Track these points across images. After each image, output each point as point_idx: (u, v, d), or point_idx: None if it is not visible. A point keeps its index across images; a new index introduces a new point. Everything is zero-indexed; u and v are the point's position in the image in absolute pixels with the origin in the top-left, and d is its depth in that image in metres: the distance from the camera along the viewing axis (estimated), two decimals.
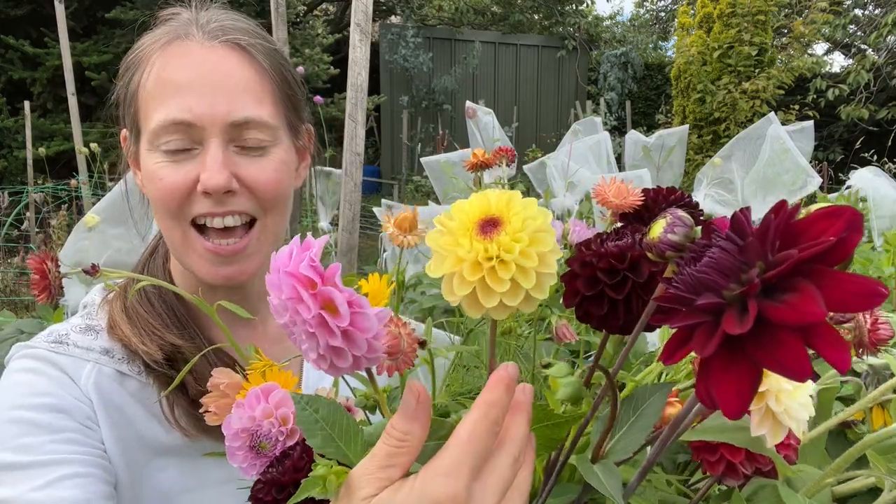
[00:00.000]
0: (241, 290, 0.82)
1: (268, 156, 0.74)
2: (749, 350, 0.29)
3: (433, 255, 0.39)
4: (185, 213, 0.72)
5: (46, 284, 0.56)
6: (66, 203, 5.34)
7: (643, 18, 15.17)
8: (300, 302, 0.38)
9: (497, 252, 0.37)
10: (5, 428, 0.66)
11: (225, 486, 0.75)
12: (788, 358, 0.28)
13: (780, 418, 0.39)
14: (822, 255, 0.28)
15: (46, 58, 7.37)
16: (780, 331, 0.28)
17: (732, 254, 0.30)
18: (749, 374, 0.29)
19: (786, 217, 0.29)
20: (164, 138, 0.70)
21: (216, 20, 0.74)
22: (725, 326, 0.28)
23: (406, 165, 8.71)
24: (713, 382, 0.30)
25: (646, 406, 0.45)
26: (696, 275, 0.30)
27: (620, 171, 3.97)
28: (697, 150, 7.99)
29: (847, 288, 0.27)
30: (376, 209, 3.50)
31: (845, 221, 0.28)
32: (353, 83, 1.98)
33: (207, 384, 0.56)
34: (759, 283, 0.28)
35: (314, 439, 0.42)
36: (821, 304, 0.26)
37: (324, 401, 0.44)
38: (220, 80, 0.71)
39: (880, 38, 8.58)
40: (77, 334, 0.75)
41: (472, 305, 0.38)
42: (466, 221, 0.39)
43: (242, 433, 0.49)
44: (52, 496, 0.62)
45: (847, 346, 0.28)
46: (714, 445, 0.48)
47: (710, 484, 0.51)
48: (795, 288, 0.28)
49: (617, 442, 0.45)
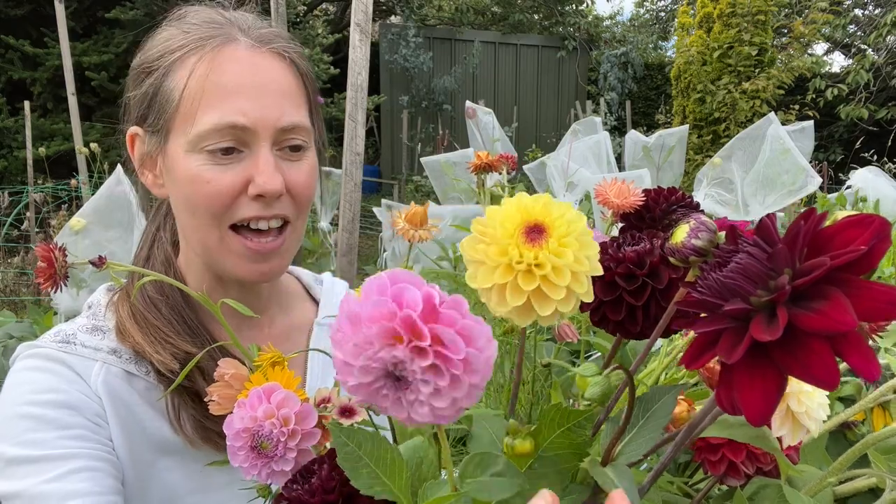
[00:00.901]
0: (251, 287, 0.82)
1: (304, 159, 0.76)
2: (776, 357, 0.29)
3: (471, 265, 0.38)
4: (228, 216, 0.72)
5: (52, 273, 0.56)
6: (66, 203, 5.34)
7: (643, 18, 15.17)
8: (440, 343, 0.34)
9: (549, 259, 0.36)
10: (14, 423, 0.66)
11: (230, 488, 0.75)
12: (817, 366, 0.27)
13: (800, 419, 0.39)
14: (852, 264, 0.28)
15: (46, 58, 7.36)
16: (809, 338, 0.28)
17: (760, 260, 0.29)
18: (775, 380, 0.29)
19: (815, 224, 0.29)
20: (215, 140, 0.70)
21: (258, 26, 0.76)
22: (754, 333, 0.28)
23: (406, 165, 8.71)
24: (738, 388, 0.30)
25: (657, 407, 0.44)
26: (723, 280, 0.30)
27: (620, 171, 3.97)
28: (697, 150, 7.99)
29: (875, 297, 0.27)
30: (376, 209, 3.51)
31: (874, 231, 0.28)
32: (353, 83, 1.99)
33: (214, 374, 0.56)
34: (790, 289, 0.28)
35: (359, 479, 0.41)
36: (852, 313, 0.26)
37: (366, 434, 0.43)
38: (269, 85, 0.72)
39: (880, 37, 8.58)
40: (84, 334, 0.75)
41: (523, 314, 0.37)
42: (510, 228, 0.37)
43: (244, 433, 0.49)
44: (63, 489, 0.62)
45: (874, 355, 0.28)
46: (716, 445, 0.48)
47: (712, 484, 0.51)
48: (825, 296, 0.28)
49: (627, 444, 0.44)
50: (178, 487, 0.75)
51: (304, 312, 0.93)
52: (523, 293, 0.36)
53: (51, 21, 4.94)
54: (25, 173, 6.11)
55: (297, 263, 1.07)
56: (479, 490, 0.40)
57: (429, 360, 0.34)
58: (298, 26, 9.15)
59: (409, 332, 0.34)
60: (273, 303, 0.88)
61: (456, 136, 8.73)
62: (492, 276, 0.37)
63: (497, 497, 0.39)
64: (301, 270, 0.98)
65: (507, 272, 0.36)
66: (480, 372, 0.35)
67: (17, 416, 0.66)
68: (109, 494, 0.65)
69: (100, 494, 0.64)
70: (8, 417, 0.67)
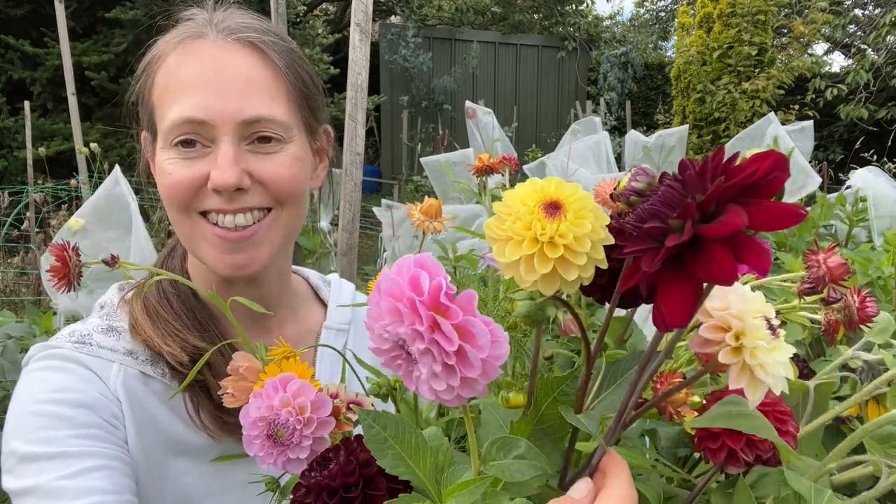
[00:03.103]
0: (259, 289, 0.81)
1: (282, 152, 0.74)
2: (688, 266, 0.34)
3: (496, 244, 0.41)
4: (192, 207, 0.73)
5: (66, 272, 0.56)
6: (66, 203, 5.34)
7: (643, 18, 15.17)
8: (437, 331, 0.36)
9: (571, 230, 0.40)
10: (28, 420, 0.66)
11: (246, 488, 0.74)
12: (718, 266, 0.33)
13: (756, 373, 0.40)
14: (750, 186, 0.33)
15: (46, 58, 7.36)
16: (712, 245, 0.33)
17: (677, 189, 0.35)
18: (690, 287, 0.35)
19: (720, 158, 0.34)
20: (175, 133, 0.71)
21: (230, 19, 0.75)
22: (667, 242, 0.34)
23: (406, 165, 8.71)
24: (661, 300, 0.36)
25: (632, 371, 0.49)
26: (647, 208, 0.36)
27: (620, 170, 3.97)
28: (697, 150, 7.99)
29: (771, 211, 0.33)
30: (376, 209, 3.51)
31: (772, 162, 0.33)
32: (353, 83, 1.99)
33: (228, 367, 0.56)
34: (696, 207, 0.33)
35: (384, 459, 0.43)
36: (742, 217, 0.32)
37: (391, 417, 0.45)
38: (232, 77, 0.71)
39: (880, 37, 8.58)
40: (100, 335, 0.75)
41: (549, 282, 0.41)
42: (531, 206, 0.41)
43: (260, 422, 0.50)
44: (79, 486, 0.62)
45: (768, 255, 0.33)
46: (716, 433, 0.50)
47: (713, 472, 0.53)
48: (726, 212, 0.33)
49: (602, 400, 0.49)
50: (194, 490, 0.75)
51: (313, 315, 0.93)
52: (549, 261, 0.40)
53: (51, 21, 4.94)
54: (25, 173, 6.11)
55: (297, 263, 1.07)
56: (502, 472, 0.42)
57: (424, 345, 0.36)
58: (298, 26, 9.15)
59: (411, 313, 0.37)
60: (283, 305, 0.87)
61: (456, 136, 8.73)
62: (520, 249, 0.40)
63: (519, 478, 0.41)
64: (309, 271, 0.98)
65: (533, 244, 0.40)
66: (477, 369, 0.37)
67: (31, 414, 0.66)
68: (125, 493, 0.65)
69: (115, 493, 0.64)
70: (23, 415, 0.67)
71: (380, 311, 0.38)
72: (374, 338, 0.39)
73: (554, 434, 0.49)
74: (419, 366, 0.37)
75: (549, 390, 0.48)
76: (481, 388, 0.38)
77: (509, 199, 0.42)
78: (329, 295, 0.95)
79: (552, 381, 0.48)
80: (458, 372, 0.37)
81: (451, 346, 0.36)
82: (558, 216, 0.40)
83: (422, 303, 0.36)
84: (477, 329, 0.36)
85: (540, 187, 0.42)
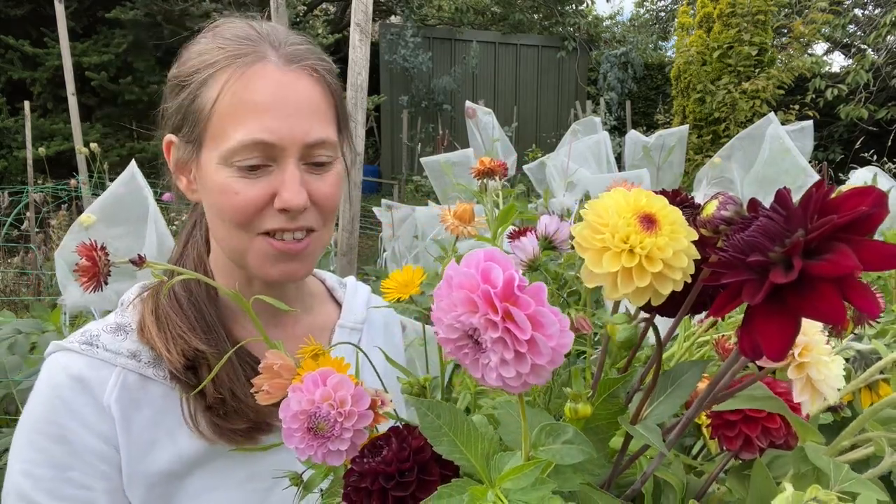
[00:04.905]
0: (279, 290, 0.85)
1: (331, 171, 0.78)
2: (790, 302, 0.34)
3: (588, 253, 0.42)
4: (255, 226, 0.74)
5: (95, 272, 0.56)
6: (65, 203, 5.34)
7: (643, 18, 15.18)
8: (510, 321, 0.38)
9: (669, 245, 0.41)
10: (27, 447, 0.72)
11: (248, 484, 0.77)
12: (826, 306, 0.33)
13: (818, 387, 0.43)
14: (855, 222, 0.33)
15: (46, 58, 7.37)
16: (819, 283, 0.33)
17: (778, 221, 0.35)
18: (790, 322, 0.35)
19: (823, 193, 0.34)
20: (243, 156, 0.72)
21: (290, 43, 0.77)
22: (773, 278, 0.34)
23: (406, 165, 8.71)
24: (759, 331, 0.35)
25: (683, 379, 0.50)
26: (746, 239, 0.35)
27: (620, 170, 3.97)
28: (697, 150, 7.99)
29: (877, 250, 0.33)
30: (376, 209, 3.51)
31: (873, 199, 0.33)
32: (352, 83, 1.99)
33: (260, 365, 0.58)
34: (803, 242, 0.33)
35: (440, 446, 0.45)
36: (854, 259, 0.32)
37: (444, 406, 0.47)
38: (297, 103, 0.74)
39: (880, 37, 8.58)
40: (107, 335, 0.77)
41: (641, 295, 0.41)
42: (628, 218, 0.42)
43: (301, 415, 0.51)
44: None
45: (875, 297, 0.33)
46: (733, 421, 0.53)
47: (727, 459, 0.55)
48: (832, 249, 0.33)
49: (655, 408, 0.49)
50: (198, 487, 0.76)
51: (327, 314, 0.95)
52: (647, 275, 0.41)
53: (51, 21, 4.95)
54: (25, 173, 6.11)
55: None
56: (552, 456, 0.44)
57: (497, 333, 0.38)
58: (298, 26, 9.15)
59: (485, 304, 0.39)
60: (297, 303, 0.90)
61: (456, 136, 8.73)
62: (618, 261, 0.41)
63: (569, 461, 0.43)
64: (325, 273, 1.01)
65: (631, 257, 0.41)
66: (546, 356, 0.39)
67: (28, 442, 0.72)
68: None
69: None
70: (26, 431, 0.73)
71: (452, 302, 0.40)
72: (443, 328, 0.41)
73: (601, 433, 0.51)
74: (489, 354, 0.40)
75: (601, 391, 0.49)
76: (546, 374, 0.40)
77: (600, 209, 0.43)
78: (344, 296, 0.98)
79: (607, 382, 0.49)
80: (528, 359, 0.39)
81: (524, 334, 0.38)
82: (654, 230, 0.41)
83: (496, 294, 0.38)
84: (546, 319, 0.39)
85: (632, 199, 0.43)
